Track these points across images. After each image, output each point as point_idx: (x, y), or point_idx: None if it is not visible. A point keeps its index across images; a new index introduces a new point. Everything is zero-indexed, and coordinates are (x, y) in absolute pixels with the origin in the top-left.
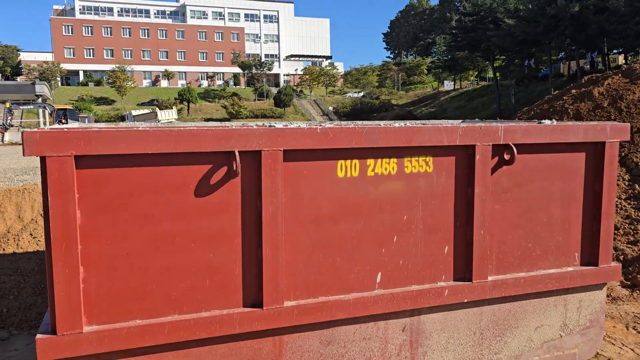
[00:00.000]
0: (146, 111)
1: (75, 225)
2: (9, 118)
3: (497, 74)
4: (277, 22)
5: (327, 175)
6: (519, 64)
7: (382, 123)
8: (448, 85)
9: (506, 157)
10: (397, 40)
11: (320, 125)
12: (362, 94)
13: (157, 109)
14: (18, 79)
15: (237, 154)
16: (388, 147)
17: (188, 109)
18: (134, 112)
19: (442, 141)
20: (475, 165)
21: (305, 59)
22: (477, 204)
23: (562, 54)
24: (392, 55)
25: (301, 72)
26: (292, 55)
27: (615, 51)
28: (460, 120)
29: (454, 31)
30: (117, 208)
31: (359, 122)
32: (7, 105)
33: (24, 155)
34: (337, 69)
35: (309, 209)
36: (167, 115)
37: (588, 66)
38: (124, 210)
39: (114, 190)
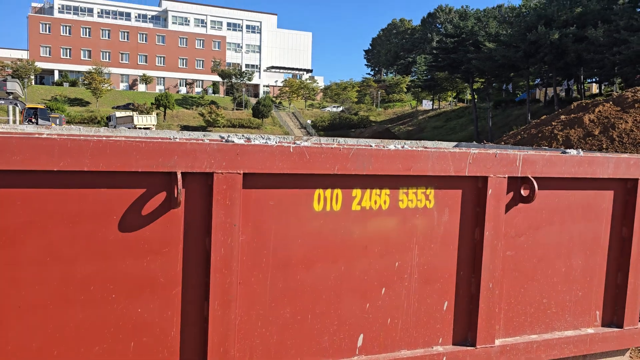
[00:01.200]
0: (130, 113)
1: None
2: None
3: (476, 96)
4: (260, 32)
5: (300, 207)
6: (497, 88)
7: (372, 144)
8: (426, 104)
9: (524, 192)
10: (378, 57)
11: (294, 143)
12: (341, 108)
13: (134, 113)
14: None
15: (179, 175)
16: (380, 175)
17: (164, 115)
18: (118, 114)
19: (447, 170)
20: (487, 202)
21: (286, 71)
22: (486, 250)
23: (538, 80)
24: (372, 72)
25: (281, 84)
26: (272, 67)
27: (589, 80)
28: (455, 144)
29: (434, 51)
30: (9, 243)
31: (341, 140)
32: None
33: None
34: (317, 83)
35: (274, 251)
36: (145, 121)
37: (563, 93)
38: (20, 245)
39: (4, 219)
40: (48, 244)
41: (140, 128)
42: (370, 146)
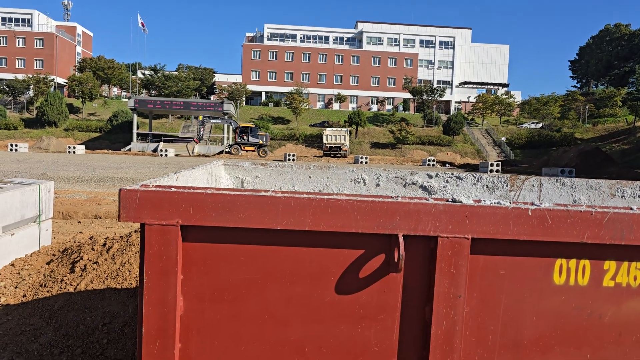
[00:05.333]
0: (342, 130)
1: (174, 315)
2: (202, 130)
3: None
4: (453, 48)
5: (537, 279)
6: None
7: (634, 206)
8: None
9: None
10: (586, 68)
11: (533, 205)
12: (540, 125)
13: (324, 130)
14: (211, 97)
15: (401, 239)
16: None
17: (356, 132)
18: (327, 131)
19: None
20: None
21: (480, 86)
22: None
23: None
24: (578, 85)
25: (474, 100)
26: (465, 82)
27: None
28: None
29: None
30: (233, 298)
31: (590, 203)
32: (200, 118)
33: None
34: (514, 98)
35: (503, 329)
36: (334, 140)
37: None
38: (242, 302)
39: (231, 275)
40: (266, 302)
41: (330, 146)
42: (631, 209)
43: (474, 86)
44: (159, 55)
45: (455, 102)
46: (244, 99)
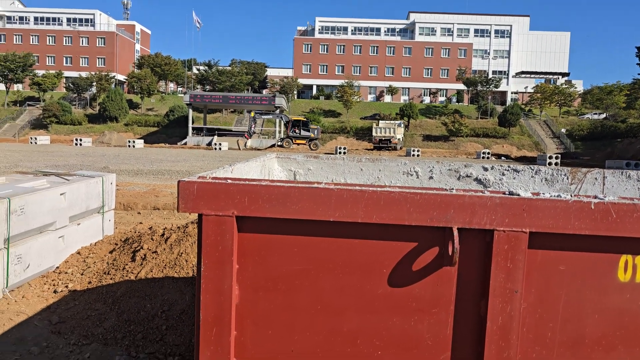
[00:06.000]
0: (394, 122)
1: (230, 304)
2: (253, 126)
3: None
4: (509, 36)
5: (599, 275)
6: None
7: None
8: None
9: None
10: None
11: (596, 199)
12: (603, 115)
13: (374, 123)
14: (263, 91)
15: (455, 232)
16: None
17: (408, 125)
18: (381, 123)
19: None
20: None
21: (538, 75)
22: None
23: None
24: None
25: (532, 90)
26: (522, 72)
27: None
28: None
29: None
30: (287, 288)
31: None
32: (252, 114)
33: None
34: (575, 87)
35: (562, 326)
36: (384, 132)
37: None
38: (295, 292)
39: (285, 265)
40: (319, 293)
41: (380, 139)
42: None
43: (532, 76)
44: (213, 51)
45: (512, 93)
46: (295, 92)
